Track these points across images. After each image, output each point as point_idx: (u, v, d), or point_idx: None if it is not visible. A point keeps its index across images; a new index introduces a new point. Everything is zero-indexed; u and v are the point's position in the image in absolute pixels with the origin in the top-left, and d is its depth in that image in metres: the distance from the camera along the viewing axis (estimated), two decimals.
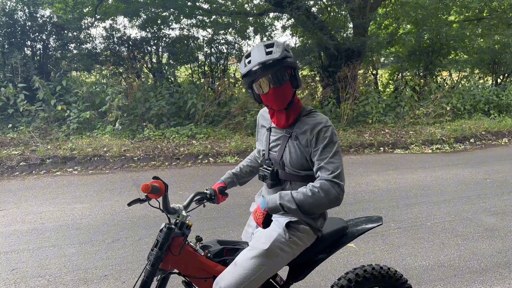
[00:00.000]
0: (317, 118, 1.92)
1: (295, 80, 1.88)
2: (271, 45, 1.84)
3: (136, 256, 3.68)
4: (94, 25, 10.44)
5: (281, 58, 1.79)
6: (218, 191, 2.10)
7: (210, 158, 7.03)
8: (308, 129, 1.90)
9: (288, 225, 1.92)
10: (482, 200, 5.25)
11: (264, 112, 2.15)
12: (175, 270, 1.86)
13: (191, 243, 1.89)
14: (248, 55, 1.86)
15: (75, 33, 9.93)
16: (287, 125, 1.96)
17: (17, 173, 6.13)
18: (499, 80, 13.43)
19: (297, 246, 1.95)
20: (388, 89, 12.66)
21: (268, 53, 1.80)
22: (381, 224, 2.33)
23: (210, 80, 10.39)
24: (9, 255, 3.68)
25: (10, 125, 7.76)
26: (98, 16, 10.28)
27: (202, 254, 1.89)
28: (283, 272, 2.09)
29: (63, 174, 6.15)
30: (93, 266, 3.52)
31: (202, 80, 10.72)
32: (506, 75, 13.50)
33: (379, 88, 12.48)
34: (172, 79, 10.53)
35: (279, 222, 1.95)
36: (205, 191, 2.00)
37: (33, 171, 6.22)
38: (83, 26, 10.24)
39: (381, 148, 8.07)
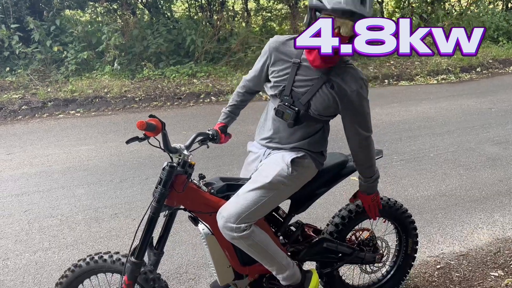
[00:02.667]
0: (357, 71, 1.89)
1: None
2: None
3: (145, 195, 3.77)
4: None
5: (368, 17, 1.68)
6: (220, 131, 2.09)
7: (212, 97, 6.97)
8: (349, 83, 1.84)
9: (293, 161, 1.94)
10: (486, 130, 5.24)
11: (286, 41, 1.92)
12: (181, 206, 1.90)
13: (194, 181, 1.92)
14: None
15: None
16: (323, 67, 1.84)
17: (20, 116, 6.14)
18: (510, 5, 12.83)
19: (299, 180, 1.99)
20: (394, 18, 12.17)
21: (362, 2, 1.67)
22: (381, 157, 2.34)
23: (208, 14, 9.99)
24: (20, 197, 3.79)
25: (8, 69, 7.64)
26: None
27: (206, 190, 1.92)
28: (285, 206, 2.14)
29: (65, 117, 6.16)
30: (103, 206, 3.63)
31: (200, 14, 10.31)
32: None
33: (385, 16, 12.00)
34: (169, 14, 10.14)
35: (283, 157, 1.95)
36: (207, 131, 1.99)
37: (36, 115, 6.22)
38: None
39: (386, 81, 7.94)
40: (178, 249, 3.03)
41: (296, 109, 1.88)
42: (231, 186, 1.99)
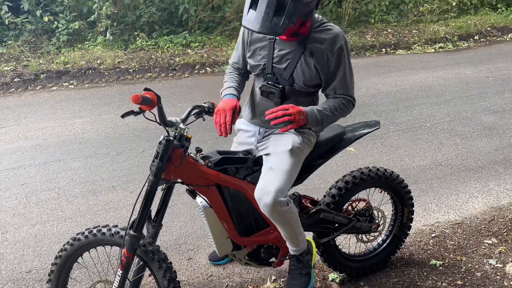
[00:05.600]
0: (333, 30, 1.82)
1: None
2: None
3: (142, 167, 3.77)
4: None
5: None
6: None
7: (207, 68, 6.87)
8: (326, 46, 1.80)
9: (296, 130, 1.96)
10: (482, 99, 5.22)
11: None
12: (178, 180, 1.90)
13: (191, 154, 1.91)
14: None
15: None
16: (298, 38, 1.81)
17: (13, 89, 6.05)
18: None
19: (308, 146, 2.02)
20: None
21: (277, 10, 1.61)
22: (379, 128, 2.34)
23: None
24: (17, 171, 3.77)
25: None
26: None
27: (203, 164, 1.91)
28: None
29: (59, 89, 6.07)
30: (100, 178, 3.63)
31: None
32: None
33: None
34: None
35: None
36: (203, 104, 1.97)
37: (29, 87, 6.12)
38: None
39: (383, 50, 7.84)
40: (176, 221, 3.05)
41: (281, 86, 1.86)
42: (228, 159, 1.99)
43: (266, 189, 1.86)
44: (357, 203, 2.40)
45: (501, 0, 10.65)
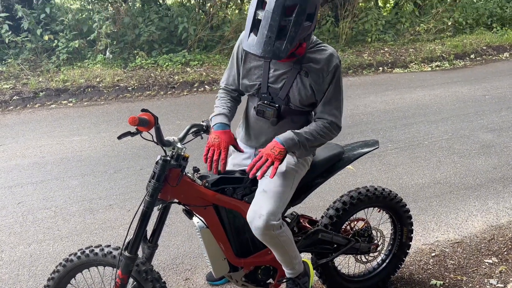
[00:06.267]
0: (328, 51, 1.83)
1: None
2: (292, 10, 1.60)
3: (139, 186, 3.75)
4: None
5: None
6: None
7: (206, 86, 6.91)
8: (322, 65, 1.80)
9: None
10: (480, 117, 5.25)
11: None
12: (175, 200, 1.88)
13: (188, 174, 1.90)
14: (261, 5, 1.63)
15: None
16: (295, 59, 1.81)
17: (12, 107, 6.06)
18: None
19: (304, 167, 2.01)
20: (388, 4, 12.09)
21: (279, 34, 1.61)
22: (378, 147, 2.34)
23: (201, 1, 9.85)
24: (13, 189, 3.75)
25: None
26: None
27: (200, 183, 1.90)
28: None
29: (58, 107, 6.08)
30: (97, 197, 3.61)
31: (193, 1, 10.17)
32: None
33: (379, 3, 11.91)
34: (161, 1, 9.99)
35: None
36: (201, 122, 1.97)
37: (27, 105, 6.14)
38: None
39: (380, 68, 7.91)
40: (174, 240, 3.02)
41: (277, 105, 1.86)
42: (225, 179, 1.97)
43: (258, 212, 1.84)
44: (355, 223, 2.38)
45: (496, 20, 10.82)
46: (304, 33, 1.67)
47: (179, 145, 1.80)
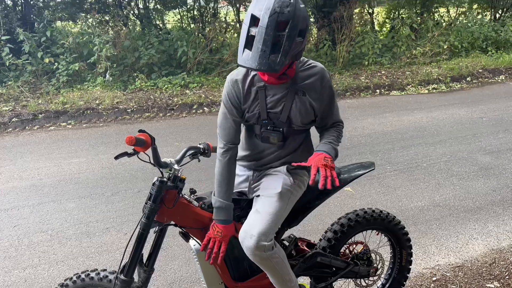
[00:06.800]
0: (317, 66, 1.89)
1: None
2: (285, 26, 1.63)
3: (137, 208, 3.72)
4: None
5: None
6: (213, 148, 2.05)
7: (205, 108, 6.95)
8: (315, 81, 1.85)
9: (287, 170, 1.96)
10: (477, 139, 5.26)
11: (239, 75, 1.87)
12: (171, 222, 1.87)
13: (185, 195, 1.89)
14: (255, 22, 1.65)
15: None
16: (287, 80, 1.84)
17: (10, 129, 6.07)
18: (497, 15, 13.03)
19: (299, 189, 2.00)
20: (384, 29, 12.30)
21: (273, 48, 1.63)
22: (373, 169, 2.33)
23: (200, 25, 10.02)
24: (10, 212, 3.71)
25: None
26: None
27: (197, 205, 1.88)
28: None
29: (56, 129, 6.10)
30: (94, 220, 3.57)
31: (192, 25, 10.34)
32: (505, 9, 13.07)
33: (376, 27, 12.12)
34: (161, 25, 10.16)
35: (278, 169, 1.98)
36: (198, 145, 1.96)
37: (26, 127, 6.15)
38: None
39: (377, 91, 7.98)
40: (170, 264, 2.97)
41: (280, 129, 1.88)
42: None
43: (249, 232, 1.82)
44: (354, 246, 2.35)
45: (490, 43, 11.00)
46: (297, 48, 1.70)
47: (176, 166, 1.79)
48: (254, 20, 1.64)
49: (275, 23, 1.60)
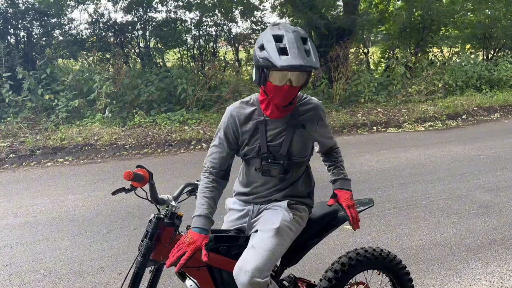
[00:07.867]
0: (313, 100, 2.01)
1: (307, 81, 1.87)
2: (306, 40, 1.77)
3: (132, 247, 3.64)
4: (77, 7, 10.15)
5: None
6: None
7: (203, 144, 6.97)
8: (313, 114, 1.96)
9: (288, 205, 1.95)
10: (476, 176, 5.25)
11: (239, 109, 1.94)
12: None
13: (182, 233, 1.85)
14: (280, 39, 1.73)
15: (58, 19, 9.67)
16: (286, 115, 1.92)
17: (7, 165, 6.03)
18: (490, 55, 13.39)
19: (299, 225, 1.98)
20: (380, 67, 12.58)
21: (307, 53, 1.73)
22: (372, 206, 2.31)
23: (200, 63, 10.22)
24: (2, 250, 3.62)
25: None
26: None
27: None
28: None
29: (54, 165, 6.06)
30: (89, 258, 3.48)
31: (192, 64, 10.56)
32: (497, 49, 13.45)
33: (371, 66, 12.39)
34: (161, 63, 10.36)
35: (279, 204, 1.97)
36: (196, 182, 1.95)
37: (23, 163, 6.12)
38: (65, 12, 9.97)
39: (374, 128, 8.04)
40: None
41: (281, 162, 1.90)
42: (220, 238, 1.92)
43: (243, 267, 1.77)
44: (355, 286, 2.28)
45: (484, 82, 11.23)
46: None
47: (173, 203, 1.77)
48: (278, 38, 1.73)
49: (299, 37, 1.74)
